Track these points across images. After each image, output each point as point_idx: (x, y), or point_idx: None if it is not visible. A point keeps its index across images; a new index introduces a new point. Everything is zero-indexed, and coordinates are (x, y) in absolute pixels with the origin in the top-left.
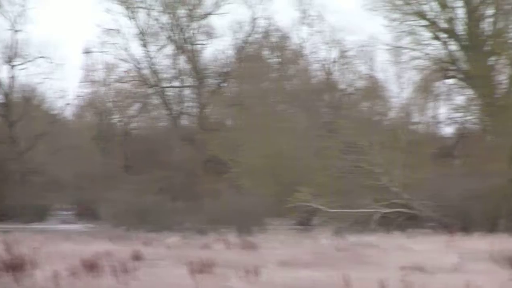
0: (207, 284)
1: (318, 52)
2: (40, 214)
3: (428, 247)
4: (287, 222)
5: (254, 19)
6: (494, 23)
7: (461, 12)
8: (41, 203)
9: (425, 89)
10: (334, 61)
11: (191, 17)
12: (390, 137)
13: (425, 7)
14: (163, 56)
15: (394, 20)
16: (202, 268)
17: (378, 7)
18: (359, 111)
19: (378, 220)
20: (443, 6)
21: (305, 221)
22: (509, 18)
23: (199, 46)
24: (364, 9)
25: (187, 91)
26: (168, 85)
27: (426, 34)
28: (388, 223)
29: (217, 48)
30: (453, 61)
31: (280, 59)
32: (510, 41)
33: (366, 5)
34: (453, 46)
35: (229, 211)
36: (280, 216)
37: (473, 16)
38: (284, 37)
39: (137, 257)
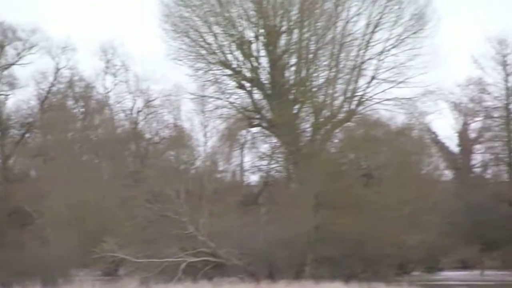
0: None
1: (123, 102)
2: None
3: None
4: (93, 273)
5: (57, 69)
6: (297, 72)
7: (264, 61)
8: None
9: (230, 137)
10: (140, 111)
11: None
12: (196, 186)
13: (230, 57)
14: None
15: (198, 69)
16: None
17: (183, 56)
18: (165, 160)
19: (185, 269)
20: (247, 55)
21: (112, 271)
22: (312, 67)
23: (1, 96)
24: (168, 58)
25: None
26: None
27: (231, 83)
28: (195, 272)
29: (20, 99)
30: (257, 109)
31: (84, 109)
32: (313, 89)
33: (171, 55)
34: (258, 95)
35: (33, 263)
36: (86, 267)
37: (277, 66)
38: (89, 87)
39: None
